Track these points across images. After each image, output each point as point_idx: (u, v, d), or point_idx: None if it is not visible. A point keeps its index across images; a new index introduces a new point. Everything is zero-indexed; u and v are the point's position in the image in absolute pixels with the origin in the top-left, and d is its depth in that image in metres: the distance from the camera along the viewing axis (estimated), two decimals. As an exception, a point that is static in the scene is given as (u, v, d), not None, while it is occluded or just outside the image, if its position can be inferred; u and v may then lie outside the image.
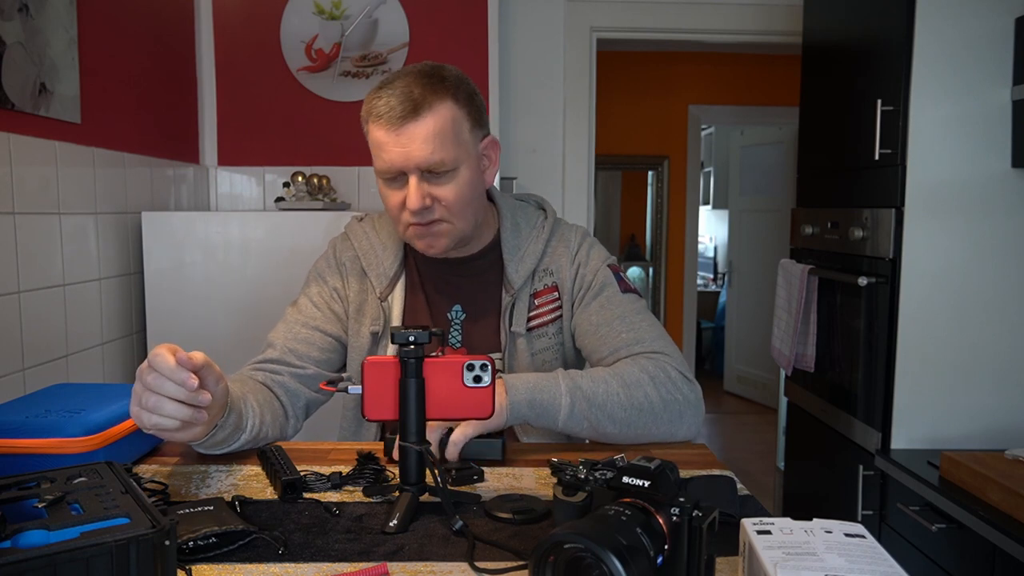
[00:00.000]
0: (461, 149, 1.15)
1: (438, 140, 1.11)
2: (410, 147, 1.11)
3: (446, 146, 1.12)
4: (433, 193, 1.15)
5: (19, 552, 0.59)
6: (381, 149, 1.13)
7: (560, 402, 1.10)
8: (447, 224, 1.18)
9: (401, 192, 1.16)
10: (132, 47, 2.16)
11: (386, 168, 1.14)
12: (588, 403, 1.10)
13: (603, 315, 1.24)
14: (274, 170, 2.71)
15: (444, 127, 1.12)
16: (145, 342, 2.13)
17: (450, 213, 1.17)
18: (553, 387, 1.10)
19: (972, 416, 1.95)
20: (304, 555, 0.79)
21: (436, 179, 1.14)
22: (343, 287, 1.29)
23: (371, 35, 2.67)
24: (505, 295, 1.26)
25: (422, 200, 1.14)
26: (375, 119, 1.13)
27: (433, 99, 1.12)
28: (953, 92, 1.89)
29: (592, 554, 0.61)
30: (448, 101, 1.13)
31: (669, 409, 1.13)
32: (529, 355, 1.25)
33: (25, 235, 1.65)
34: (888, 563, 0.60)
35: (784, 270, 2.50)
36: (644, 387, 1.12)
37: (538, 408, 1.09)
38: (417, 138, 1.11)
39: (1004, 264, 1.92)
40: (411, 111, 1.10)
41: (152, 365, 0.86)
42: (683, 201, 5.27)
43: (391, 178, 1.16)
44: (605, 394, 1.11)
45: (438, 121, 1.12)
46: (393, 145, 1.12)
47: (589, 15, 2.96)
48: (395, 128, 1.11)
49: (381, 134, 1.12)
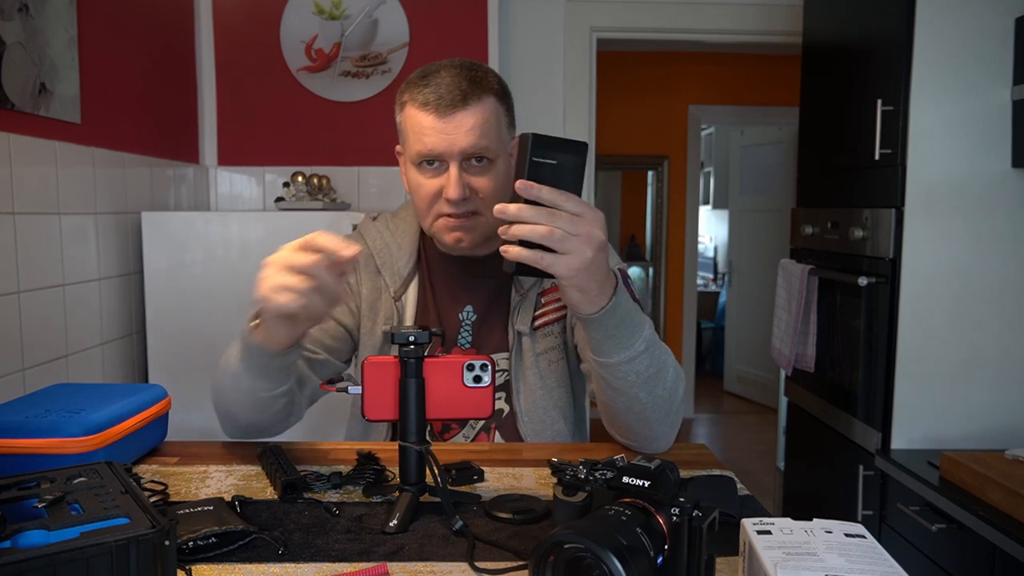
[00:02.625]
0: (500, 143, 1.17)
1: (483, 129, 1.13)
2: (456, 134, 1.12)
3: (490, 136, 1.14)
4: (471, 184, 1.15)
5: (19, 552, 0.59)
6: (423, 134, 1.13)
7: (641, 332, 1.01)
8: (481, 217, 1.18)
9: (437, 180, 1.15)
10: (132, 47, 2.16)
11: (426, 152, 1.14)
12: (651, 357, 1.02)
13: None
14: (274, 170, 2.71)
15: (490, 118, 1.14)
16: (145, 342, 2.13)
17: (485, 206, 1.16)
18: (640, 321, 1.02)
19: (972, 416, 1.95)
20: (304, 555, 0.79)
21: (475, 170, 1.15)
22: (356, 282, 1.29)
23: (371, 35, 2.67)
24: (515, 295, 1.26)
25: (462, 189, 1.14)
26: (421, 105, 1.13)
27: (480, 92, 1.14)
28: (953, 92, 1.89)
29: (592, 554, 0.61)
30: (492, 96, 1.16)
31: (672, 416, 1.10)
32: (534, 355, 1.24)
33: (25, 235, 1.65)
34: (888, 563, 0.60)
35: (784, 270, 2.50)
36: (674, 373, 1.07)
37: (625, 329, 0.98)
38: (464, 126, 1.12)
39: (1004, 264, 1.92)
40: (460, 100, 1.12)
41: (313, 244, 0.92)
42: (683, 201, 5.27)
43: (428, 164, 1.15)
44: (663, 362, 1.04)
45: (485, 111, 1.14)
46: (439, 131, 1.12)
47: (589, 15, 2.96)
48: (443, 115, 1.12)
49: (427, 120, 1.13)
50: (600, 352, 1.00)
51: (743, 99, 5.16)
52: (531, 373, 1.24)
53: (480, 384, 0.92)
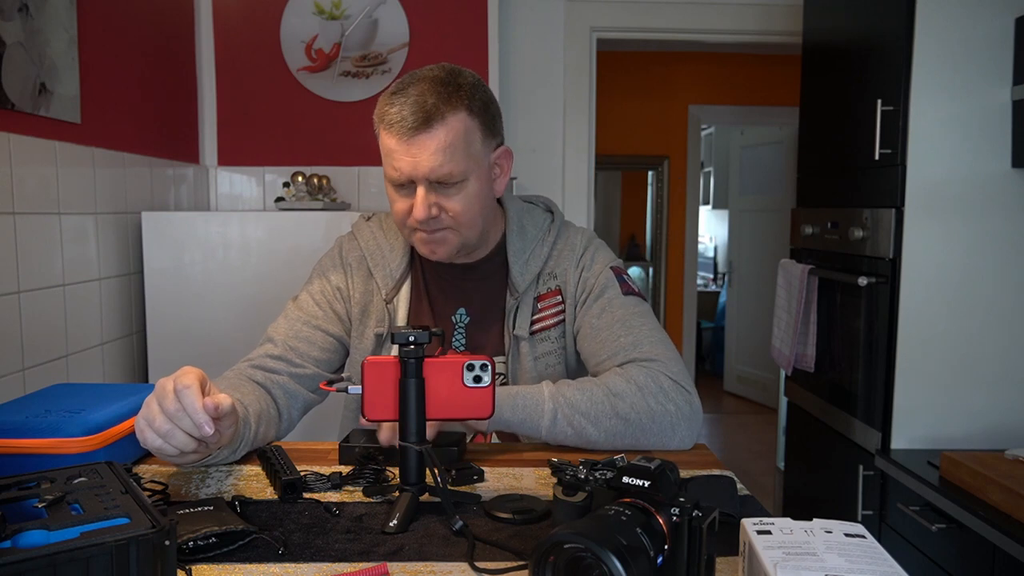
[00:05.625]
0: (471, 161, 1.14)
1: (448, 152, 1.11)
2: (420, 157, 1.10)
3: (456, 158, 1.11)
4: (441, 203, 1.14)
5: (19, 552, 0.59)
6: (391, 156, 1.13)
7: (543, 408, 1.09)
8: (453, 232, 1.17)
9: (408, 199, 1.15)
10: (132, 47, 2.16)
11: (395, 176, 1.14)
12: (572, 410, 1.09)
13: (603, 319, 1.22)
14: (274, 170, 2.71)
15: (455, 139, 1.11)
16: (145, 342, 2.13)
17: (456, 223, 1.16)
18: (536, 394, 1.10)
19: (972, 416, 1.95)
20: (304, 555, 0.79)
21: (444, 189, 1.14)
22: (347, 287, 1.28)
23: (371, 35, 2.67)
24: (509, 298, 1.25)
25: (428, 210, 1.13)
26: (387, 126, 1.12)
27: (446, 109, 1.10)
28: (953, 92, 1.89)
29: (592, 554, 0.61)
30: (462, 112, 1.12)
31: (658, 421, 1.11)
32: (532, 359, 1.25)
33: (25, 235, 1.65)
34: (888, 563, 0.60)
35: (784, 270, 2.50)
36: (631, 398, 1.10)
37: (521, 413, 1.09)
38: (427, 149, 1.10)
39: (1004, 264, 1.92)
40: (423, 122, 1.09)
41: (179, 396, 0.87)
42: (683, 201, 5.27)
43: (400, 185, 1.15)
44: (590, 403, 1.09)
45: (449, 133, 1.11)
46: (403, 154, 1.11)
47: (589, 15, 2.96)
48: (406, 138, 1.10)
49: (392, 142, 1.12)
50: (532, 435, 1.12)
51: (743, 99, 5.16)
52: (529, 376, 1.24)
53: (480, 384, 0.92)
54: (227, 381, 1.14)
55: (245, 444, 1.07)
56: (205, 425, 0.87)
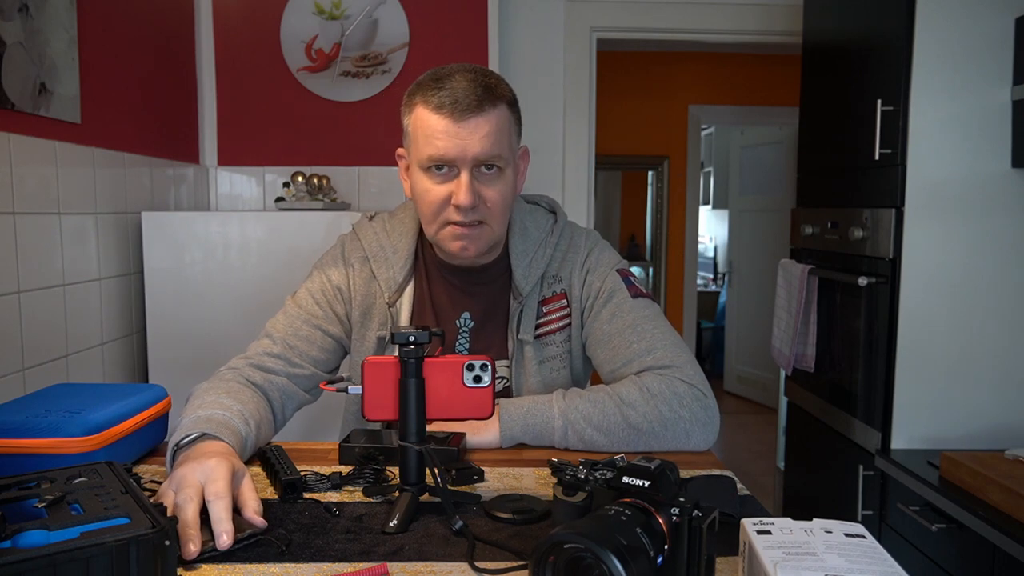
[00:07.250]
0: (510, 152, 1.16)
1: (496, 136, 1.12)
2: (469, 140, 1.10)
3: (502, 143, 1.13)
4: (480, 192, 1.13)
5: (19, 552, 0.59)
6: (435, 137, 1.11)
7: (554, 424, 1.10)
8: (487, 227, 1.16)
9: (446, 186, 1.13)
10: (132, 47, 2.16)
11: (438, 156, 1.11)
12: (584, 423, 1.10)
13: (614, 325, 1.21)
14: (274, 170, 2.71)
15: (503, 125, 1.13)
16: (145, 342, 2.13)
17: (491, 215, 1.15)
18: (547, 410, 1.11)
19: (972, 416, 1.95)
20: (304, 555, 0.79)
21: (485, 178, 1.14)
22: (348, 287, 1.26)
23: (371, 35, 2.67)
24: (513, 302, 1.24)
25: (473, 196, 1.12)
26: (435, 108, 1.10)
27: (495, 99, 1.12)
28: (953, 92, 1.89)
29: (592, 554, 0.61)
30: (505, 104, 1.14)
31: (671, 428, 1.11)
32: (536, 363, 1.24)
33: (25, 235, 1.65)
34: (888, 563, 0.60)
35: (784, 270, 2.50)
36: (643, 407, 1.10)
37: (532, 432, 1.12)
38: (479, 131, 1.10)
39: (1004, 264, 1.92)
40: (477, 104, 1.10)
41: (215, 494, 0.82)
42: (683, 201, 5.27)
43: (437, 169, 1.13)
44: (601, 415, 1.10)
45: (499, 119, 1.13)
46: (452, 136, 1.10)
47: (589, 15, 2.96)
48: (459, 119, 1.10)
49: (441, 123, 1.10)
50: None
51: (743, 99, 5.16)
52: (534, 380, 1.24)
53: (480, 384, 0.92)
54: (226, 385, 1.12)
55: (246, 455, 1.06)
56: (224, 535, 0.79)
